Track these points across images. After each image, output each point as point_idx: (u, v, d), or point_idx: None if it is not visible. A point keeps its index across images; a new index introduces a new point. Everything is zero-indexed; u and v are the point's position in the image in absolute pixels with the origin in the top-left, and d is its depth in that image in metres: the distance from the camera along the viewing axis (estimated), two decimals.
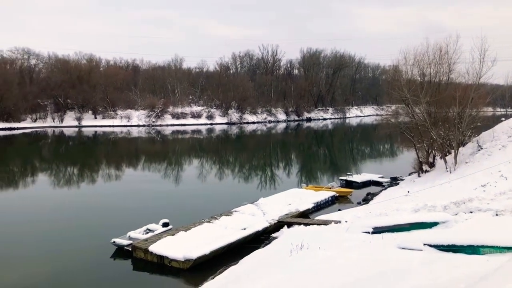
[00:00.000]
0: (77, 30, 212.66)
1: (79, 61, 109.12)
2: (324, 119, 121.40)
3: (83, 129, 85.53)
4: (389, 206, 18.33)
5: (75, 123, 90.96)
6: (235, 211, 19.88)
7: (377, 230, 13.37)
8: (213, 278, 12.54)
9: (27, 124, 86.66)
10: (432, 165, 28.18)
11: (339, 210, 21.39)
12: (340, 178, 30.21)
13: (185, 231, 16.43)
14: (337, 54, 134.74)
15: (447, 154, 26.33)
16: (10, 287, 12.68)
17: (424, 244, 10.77)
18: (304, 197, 23.15)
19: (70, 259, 14.95)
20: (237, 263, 13.55)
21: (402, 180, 29.07)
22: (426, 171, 27.59)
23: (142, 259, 14.64)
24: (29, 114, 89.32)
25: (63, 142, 66.80)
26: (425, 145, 28.18)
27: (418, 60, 28.46)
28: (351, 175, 30.30)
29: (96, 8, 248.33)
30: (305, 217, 20.43)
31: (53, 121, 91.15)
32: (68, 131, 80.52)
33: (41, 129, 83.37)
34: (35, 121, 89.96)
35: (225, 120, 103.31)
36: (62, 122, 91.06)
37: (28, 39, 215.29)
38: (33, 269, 14.03)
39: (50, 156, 49.54)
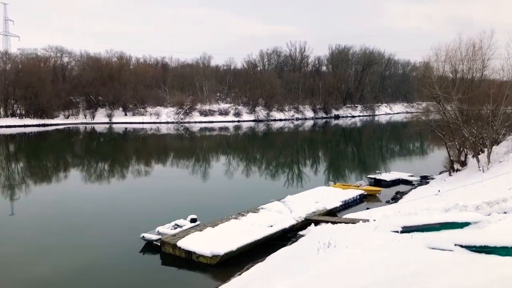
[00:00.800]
0: (108, 29, 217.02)
1: (110, 59, 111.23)
2: (353, 116, 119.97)
3: (114, 125, 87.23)
4: (419, 205, 17.98)
5: (106, 119, 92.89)
6: (262, 208, 19.91)
7: (406, 230, 13.14)
8: (240, 274, 12.60)
9: (60, 121, 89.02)
10: (463, 164, 27.48)
11: (367, 208, 21.14)
12: (369, 176, 29.83)
13: (213, 227, 16.57)
14: (367, 51, 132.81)
15: (480, 152, 25.61)
16: (42, 278, 13.08)
17: (455, 245, 10.51)
18: (332, 195, 22.97)
19: (101, 252, 15.31)
20: (263, 260, 13.58)
21: (433, 179, 28.45)
22: (458, 170, 26.92)
23: (170, 254, 14.86)
24: (62, 111, 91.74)
25: (95, 138, 68.36)
26: (456, 143, 27.49)
27: (450, 56, 27.79)
28: (380, 173, 29.86)
29: (127, 7, 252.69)
30: (332, 215, 20.29)
31: (85, 117, 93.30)
32: (99, 128, 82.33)
33: (74, 125, 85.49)
34: (67, 117, 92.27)
35: (252, 117, 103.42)
36: (93, 118, 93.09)
37: (61, 38, 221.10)
38: (65, 261, 14.42)
39: (82, 152, 50.79)
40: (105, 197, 26.00)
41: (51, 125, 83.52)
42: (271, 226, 17.09)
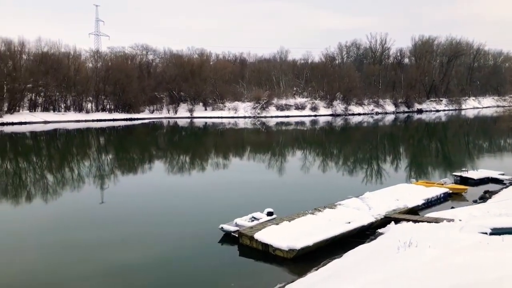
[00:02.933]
0: (189, 26, 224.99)
1: (191, 56, 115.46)
2: (437, 110, 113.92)
3: (195, 120, 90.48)
4: (511, 206, 16.66)
5: (188, 114, 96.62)
6: (339, 204, 19.59)
7: (496, 231, 12.22)
8: (317, 269, 12.52)
9: (145, 115, 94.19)
10: None
11: (452, 208, 19.96)
12: (454, 174, 28.16)
13: (289, 221, 16.61)
14: (453, 41, 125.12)
15: None
16: (126, 263, 13.92)
17: None
18: (414, 193, 22.00)
19: (181, 240, 16.00)
20: (341, 256, 13.37)
21: None
22: None
23: (247, 246, 15.13)
24: (147, 106, 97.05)
25: (177, 132, 71.44)
26: None
27: None
28: (467, 171, 28.06)
29: (206, 3, 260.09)
30: (414, 213, 19.45)
31: (168, 112, 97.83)
32: (181, 122, 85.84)
33: (157, 119, 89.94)
34: (152, 112, 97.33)
35: (329, 111, 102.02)
36: (176, 113, 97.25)
37: (146, 36, 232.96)
38: (147, 247, 15.26)
39: (165, 145, 53.32)
40: (186, 188, 27.10)
41: (137, 119, 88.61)
42: (349, 222, 16.77)
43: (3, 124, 74.51)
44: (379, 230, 16.47)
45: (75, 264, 13.77)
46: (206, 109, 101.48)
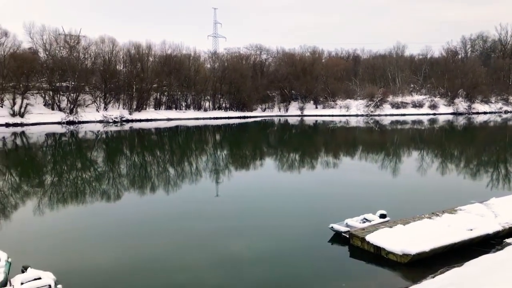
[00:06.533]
0: (301, 24, 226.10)
1: (303, 54, 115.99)
2: None
3: (305, 118, 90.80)
4: None
5: (298, 112, 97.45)
6: (460, 210, 18.18)
7: None
8: (433, 277, 11.80)
9: (258, 113, 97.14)
10: None
11: None
12: None
13: (403, 224, 15.86)
14: None
15: None
16: (236, 254, 14.48)
17: None
18: None
19: (291, 236, 16.20)
20: (461, 265, 12.43)
21: None
22: None
23: (358, 247, 14.80)
24: (259, 104, 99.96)
25: (287, 130, 72.40)
26: None
27: None
28: None
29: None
30: None
31: (279, 110, 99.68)
32: (291, 120, 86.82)
33: (269, 117, 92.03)
34: (264, 110, 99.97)
35: (450, 110, 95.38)
36: (287, 111, 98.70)
37: (260, 36, 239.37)
38: (257, 241, 15.70)
39: (275, 142, 54.34)
40: (295, 185, 27.33)
41: (249, 117, 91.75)
42: (471, 230, 15.47)
43: (132, 120, 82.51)
44: (508, 240, 14.98)
45: (192, 250, 14.73)
46: (316, 107, 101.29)
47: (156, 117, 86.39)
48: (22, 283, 10.79)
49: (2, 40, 75.13)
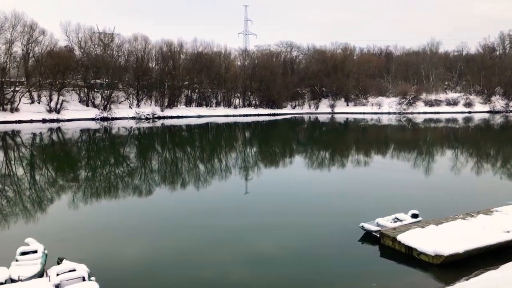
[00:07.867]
0: (333, 20, 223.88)
1: (335, 51, 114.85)
2: None
3: (336, 115, 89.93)
4: None
5: (329, 110, 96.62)
6: (496, 211, 17.61)
7: None
8: (467, 279, 11.48)
9: (287, 111, 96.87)
10: None
11: None
12: None
13: (436, 225, 15.49)
14: None
15: None
16: (264, 251, 14.48)
17: None
18: None
19: (321, 234, 16.10)
20: (497, 268, 12.06)
21: None
22: None
23: (389, 247, 14.55)
24: (289, 102, 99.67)
25: (317, 127, 71.90)
26: None
27: None
28: None
29: None
30: None
31: (309, 108, 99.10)
32: (322, 117, 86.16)
33: (299, 115, 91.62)
34: (294, 108, 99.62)
35: (486, 108, 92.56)
36: (317, 109, 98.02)
37: (292, 33, 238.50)
38: (286, 239, 15.66)
39: (305, 140, 54.07)
40: (325, 183, 27.14)
41: (279, 114, 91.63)
42: (508, 231, 14.97)
43: (164, 117, 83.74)
44: None
45: (221, 246, 14.84)
46: (347, 105, 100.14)
47: (187, 113, 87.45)
48: (57, 274, 11.14)
49: (40, 39, 77.62)
